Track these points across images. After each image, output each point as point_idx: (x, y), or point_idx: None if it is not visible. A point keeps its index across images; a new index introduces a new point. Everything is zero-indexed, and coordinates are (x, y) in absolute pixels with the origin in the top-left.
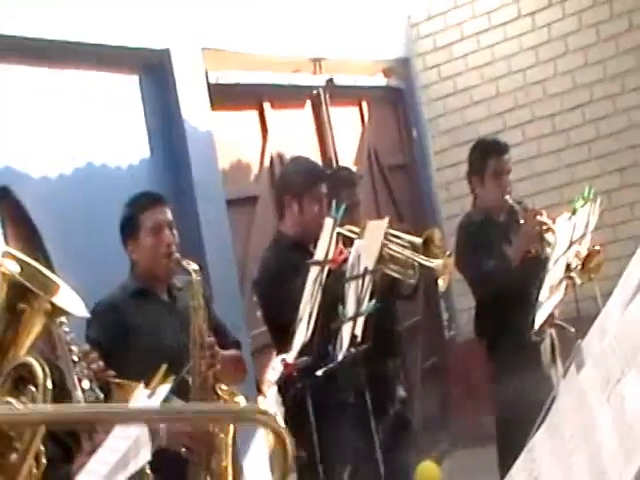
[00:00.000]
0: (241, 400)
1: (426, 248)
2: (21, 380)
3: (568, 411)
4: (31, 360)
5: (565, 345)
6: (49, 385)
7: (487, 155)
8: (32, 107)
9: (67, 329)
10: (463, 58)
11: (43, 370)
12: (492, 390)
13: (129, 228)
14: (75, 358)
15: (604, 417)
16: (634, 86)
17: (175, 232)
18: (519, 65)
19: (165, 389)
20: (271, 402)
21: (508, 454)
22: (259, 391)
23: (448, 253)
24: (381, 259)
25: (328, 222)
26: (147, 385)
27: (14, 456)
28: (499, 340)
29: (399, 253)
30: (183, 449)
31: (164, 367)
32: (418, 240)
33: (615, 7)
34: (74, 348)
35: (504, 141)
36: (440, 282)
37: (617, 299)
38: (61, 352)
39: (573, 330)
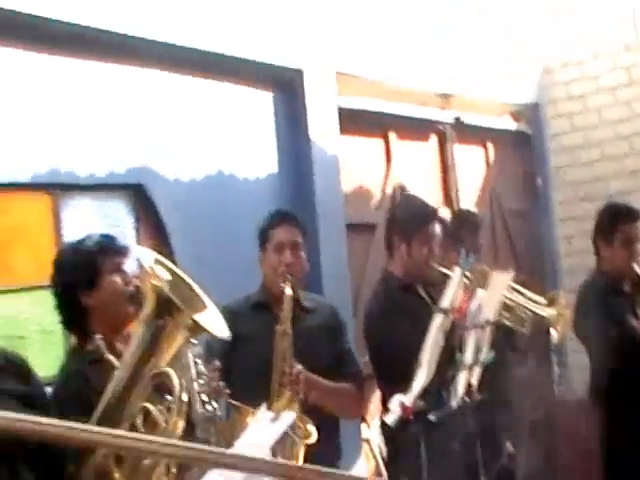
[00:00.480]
0: (313, 435)
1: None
2: (160, 388)
3: None
4: (170, 371)
5: None
6: (184, 398)
7: (618, 220)
8: (171, 111)
9: (195, 340)
10: (597, 110)
11: (180, 383)
12: (602, 466)
13: (260, 240)
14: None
15: None
16: None
17: (302, 254)
18: None
19: (291, 416)
20: (375, 433)
21: None
22: (363, 420)
23: (564, 304)
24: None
25: (457, 272)
26: (269, 406)
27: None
28: (618, 413)
29: (512, 301)
30: None
31: (289, 393)
32: (542, 300)
33: None
34: (199, 361)
35: (637, 208)
36: (553, 332)
37: None
38: (185, 361)
39: None
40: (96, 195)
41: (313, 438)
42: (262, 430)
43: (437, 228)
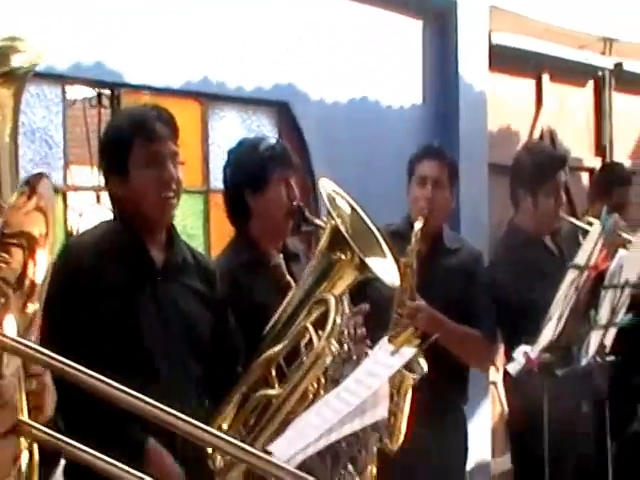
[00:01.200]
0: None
1: None
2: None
3: None
4: (329, 296)
5: None
6: (338, 320)
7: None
8: (322, 34)
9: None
10: None
11: (337, 307)
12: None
13: (408, 171)
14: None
15: None
16: None
17: (446, 191)
18: None
19: (410, 352)
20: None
21: None
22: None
23: None
24: None
25: (596, 228)
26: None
27: None
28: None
29: None
30: None
31: (412, 328)
32: None
33: None
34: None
35: None
36: None
37: None
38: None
39: None
40: (243, 108)
41: (421, 374)
42: (381, 361)
43: (564, 177)
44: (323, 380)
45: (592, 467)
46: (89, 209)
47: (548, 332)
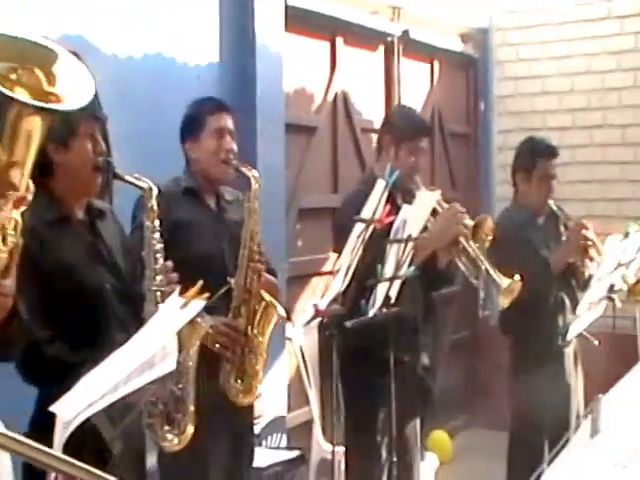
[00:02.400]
0: (281, 311)
1: (475, 232)
2: None
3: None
4: None
5: (585, 355)
6: None
7: (538, 155)
8: None
9: (157, 236)
10: (542, 44)
11: None
12: (511, 386)
13: (193, 127)
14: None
15: None
16: None
17: (235, 143)
18: (598, 67)
19: (199, 305)
20: (298, 332)
21: (518, 448)
22: (288, 318)
23: (518, 278)
24: (454, 248)
25: (380, 184)
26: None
27: None
28: (525, 340)
29: (473, 250)
30: (218, 346)
31: (200, 282)
32: (470, 222)
33: None
34: (159, 258)
35: (555, 145)
36: (502, 300)
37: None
38: (146, 255)
39: (596, 342)
40: None
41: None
42: (169, 315)
43: (426, 145)
44: None
45: None
46: None
47: (337, 284)
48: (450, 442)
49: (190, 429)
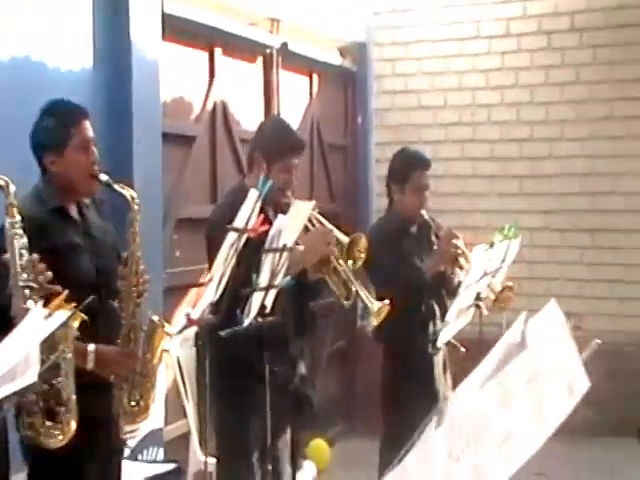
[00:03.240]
0: (173, 330)
1: (349, 249)
2: None
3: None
4: None
5: (453, 362)
6: None
7: (411, 167)
8: None
9: (20, 231)
10: (418, 60)
11: None
12: (383, 393)
13: (54, 139)
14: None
15: None
16: (571, 136)
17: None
18: (469, 84)
19: (63, 315)
20: (175, 343)
21: (388, 452)
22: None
23: (387, 303)
24: (325, 267)
25: (253, 193)
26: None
27: None
28: (397, 348)
29: (344, 271)
30: (112, 375)
31: (65, 292)
32: (345, 239)
33: (566, 57)
34: (24, 253)
35: (428, 156)
36: (373, 321)
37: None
38: (10, 255)
39: (463, 350)
40: None
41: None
42: (32, 326)
43: (298, 161)
44: None
45: None
46: None
47: (209, 293)
48: (328, 450)
49: (73, 423)
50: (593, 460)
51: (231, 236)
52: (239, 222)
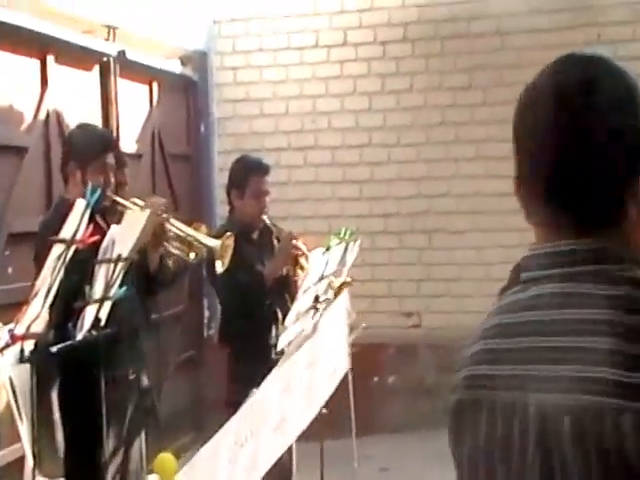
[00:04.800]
0: None
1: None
2: None
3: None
4: None
5: None
6: None
7: (250, 172)
8: None
9: None
10: (259, 69)
11: None
12: (228, 397)
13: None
14: None
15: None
16: (408, 142)
17: None
18: (310, 92)
19: None
20: (7, 362)
21: None
22: None
23: (228, 234)
24: (162, 238)
25: (80, 203)
26: None
27: None
28: (241, 351)
29: (180, 231)
30: None
31: None
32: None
33: (401, 65)
34: None
35: (267, 162)
36: (218, 264)
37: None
38: None
39: None
40: None
41: None
42: None
43: (113, 160)
44: None
45: None
46: None
47: (35, 307)
48: (175, 463)
49: None
50: (440, 452)
51: (57, 249)
52: (66, 233)
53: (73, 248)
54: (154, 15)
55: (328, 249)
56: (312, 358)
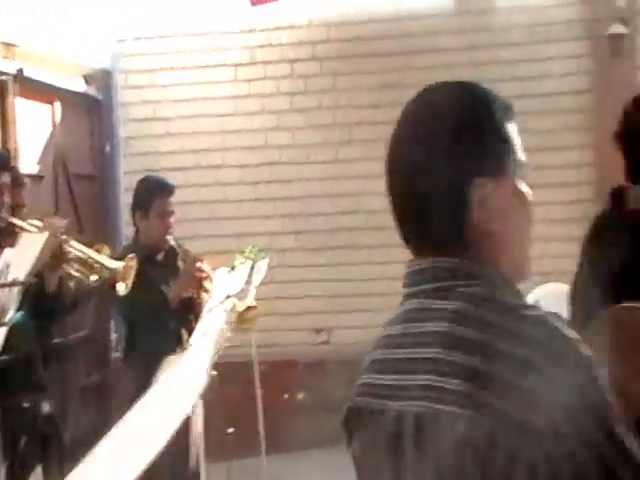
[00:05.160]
0: None
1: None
2: None
3: None
4: None
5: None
6: None
7: (154, 193)
8: None
9: None
10: (164, 88)
11: None
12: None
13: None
14: None
15: None
16: (317, 159)
17: None
18: (218, 110)
19: None
20: None
21: None
22: None
23: (131, 256)
24: (61, 260)
25: None
26: None
27: None
28: (146, 373)
29: (81, 252)
30: None
31: None
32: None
33: (310, 84)
34: None
35: (172, 182)
36: (120, 286)
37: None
38: None
39: (214, 373)
40: None
41: None
42: None
43: (7, 178)
44: None
45: None
46: None
47: None
48: None
49: None
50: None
51: None
52: None
53: None
54: (57, 33)
55: (233, 268)
56: (179, 376)
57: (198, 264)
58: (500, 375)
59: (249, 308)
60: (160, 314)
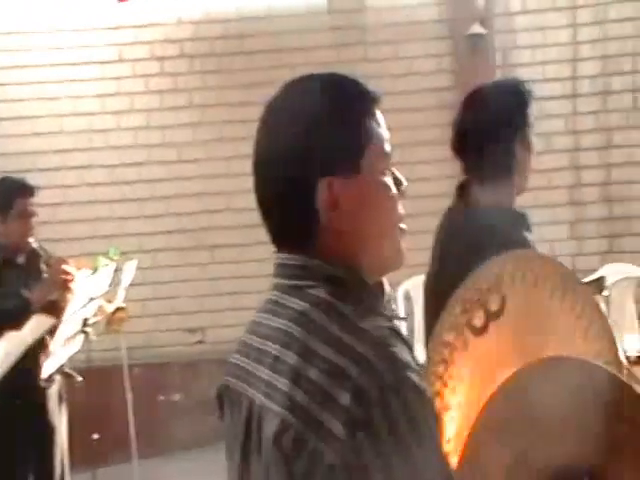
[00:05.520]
0: None
1: None
2: None
3: None
4: None
5: (70, 392)
6: None
7: (13, 194)
8: None
9: None
10: (30, 85)
11: None
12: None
13: None
14: None
15: None
16: (187, 158)
17: None
18: (85, 109)
19: None
20: None
21: None
22: None
23: None
24: None
25: None
26: None
27: None
28: (5, 380)
29: None
30: None
31: None
32: None
33: (179, 82)
34: None
35: (32, 184)
36: None
37: None
38: None
39: (80, 379)
40: None
41: None
42: None
43: None
44: None
45: None
46: None
47: None
48: None
49: None
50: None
51: None
52: None
53: None
54: None
55: (95, 270)
56: None
57: (63, 266)
58: (318, 382)
59: (118, 309)
60: (20, 318)
